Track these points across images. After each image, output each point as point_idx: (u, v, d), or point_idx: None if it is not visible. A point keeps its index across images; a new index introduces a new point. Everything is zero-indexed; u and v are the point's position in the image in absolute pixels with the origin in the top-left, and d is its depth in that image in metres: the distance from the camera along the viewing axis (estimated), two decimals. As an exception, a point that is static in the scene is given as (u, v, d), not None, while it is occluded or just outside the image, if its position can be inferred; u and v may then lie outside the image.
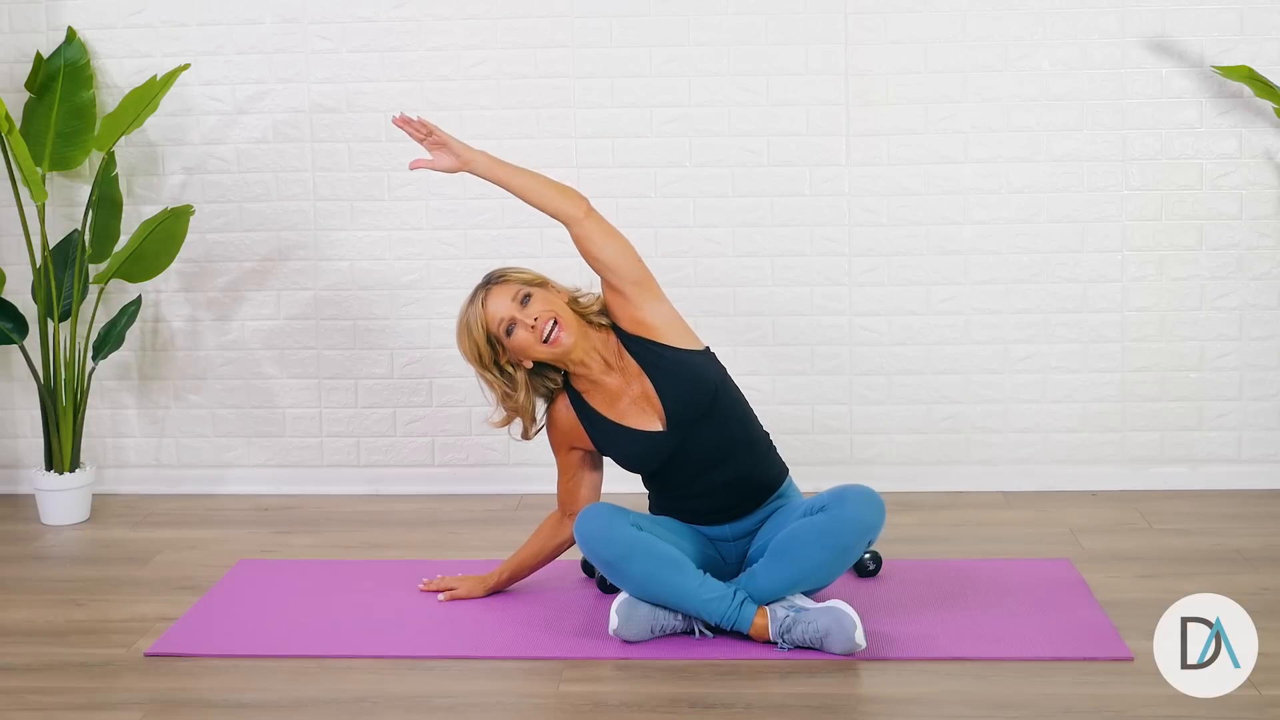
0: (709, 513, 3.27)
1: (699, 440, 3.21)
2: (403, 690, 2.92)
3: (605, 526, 3.09)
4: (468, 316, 3.22)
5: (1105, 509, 4.15)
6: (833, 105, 4.31)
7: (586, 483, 3.37)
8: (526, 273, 3.24)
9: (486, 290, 3.21)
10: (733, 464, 3.23)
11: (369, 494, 4.49)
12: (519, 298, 3.17)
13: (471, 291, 3.25)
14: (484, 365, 3.22)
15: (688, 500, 3.27)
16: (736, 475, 3.24)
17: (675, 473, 3.25)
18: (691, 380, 3.21)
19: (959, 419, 4.38)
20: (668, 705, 2.83)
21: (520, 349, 3.18)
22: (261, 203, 4.44)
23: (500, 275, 3.23)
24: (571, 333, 3.16)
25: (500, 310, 3.17)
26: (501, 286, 3.20)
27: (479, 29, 4.35)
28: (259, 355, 4.49)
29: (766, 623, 3.07)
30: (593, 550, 3.11)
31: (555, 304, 3.18)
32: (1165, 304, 4.32)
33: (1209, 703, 2.75)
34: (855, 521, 3.07)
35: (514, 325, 3.16)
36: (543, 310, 3.15)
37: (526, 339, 3.15)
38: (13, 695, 2.92)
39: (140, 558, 3.86)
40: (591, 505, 3.17)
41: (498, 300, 3.18)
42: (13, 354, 4.49)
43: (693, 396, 3.20)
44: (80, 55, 4.30)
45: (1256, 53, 4.19)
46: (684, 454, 3.22)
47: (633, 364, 3.23)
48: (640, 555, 3.07)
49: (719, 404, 3.23)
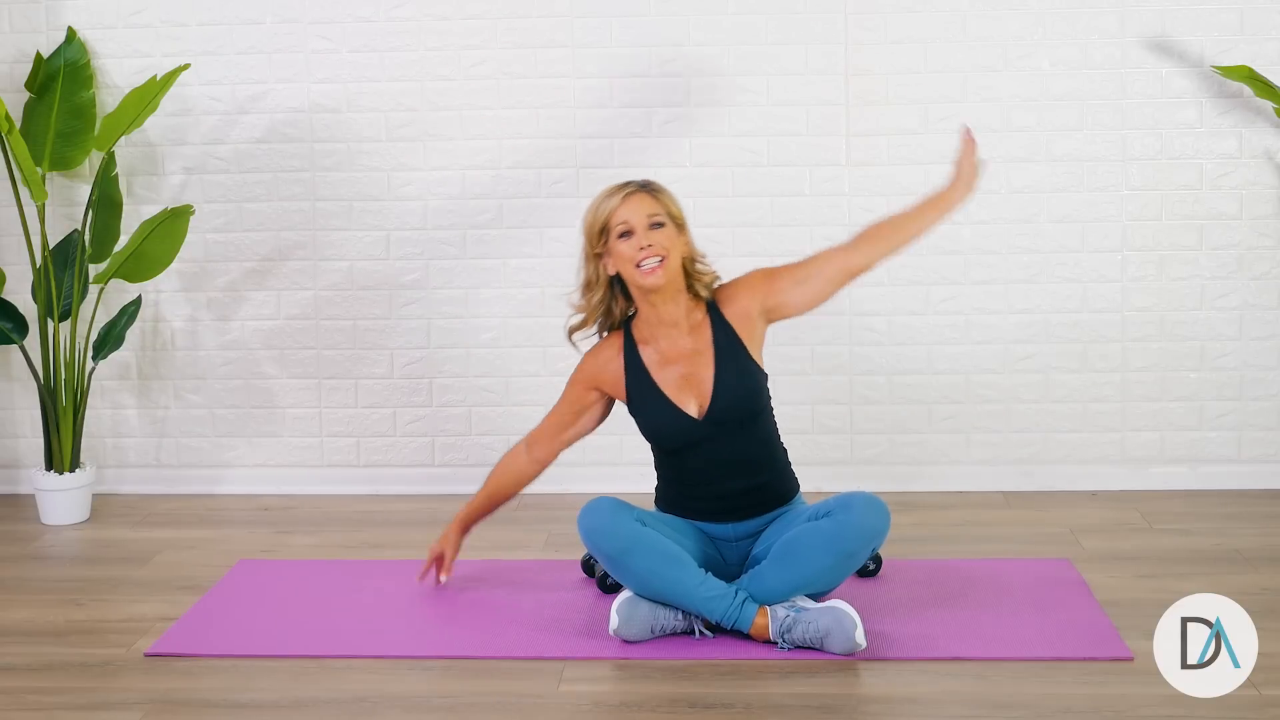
0: (715, 511, 3.27)
1: (725, 443, 3.22)
2: (403, 690, 2.92)
3: (609, 520, 3.10)
4: (604, 200, 3.22)
5: (1105, 509, 4.15)
6: (833, 105, 4.31)
7: (574, 429, 3.39)
8: (675, 206, 3.24)
9: (634, 193, 3.20)
10: (748, 475, 3.25)
11: (369, 494, 4.49)
12: (653, 219, 3.17)
13: (625, 181, 3.24)
14: (588, 242, 3.24)
15: (696, 496, 3.27)
16: (749, 485, 3.26)
17: (690, 460, 3.25)
18: (748, 390, 3.23)
19: (959, 419, 4.38)
20: (668, 705, 2.83)
21: (619, 256, 3.19)
22: (261, 203, 4.44)
23: (655, 191, 3.22)
24: (665, 279, 3.17)
25: (629, 216, 3.17)
26: (648, 199, 3.20)
27: (479, 29, 4.35)
28: (259, 355, 4.50)
29: (767, 622, 3.07)
30: (596, 544, 3.11)
31: (674, 248, 3.19)
32: (1165, 304, 4.32)
33: (1209, 703, 2.75)
34: (861, 527, 3.08)
35: (629, 234, 3.17)
36: (660, 243, 3.16)
37: (629, 253, 3.16)
38: (13, 695, 2.92)
39: (140, 558, 3.86)
40: (596, 499, 3.16)
41: (635, 207, 3.18)
42: (13, 354, 4.49)
43: (741, 403, 3.22)
44: (80, 55, 4.30)
45: (1256, 53, 4.19)
46: (705, 449, 3.23)
47: (707, 345, 3.24)
48: (643, 550, 3.07)
49: (757, 422, 3.26)
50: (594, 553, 3.14)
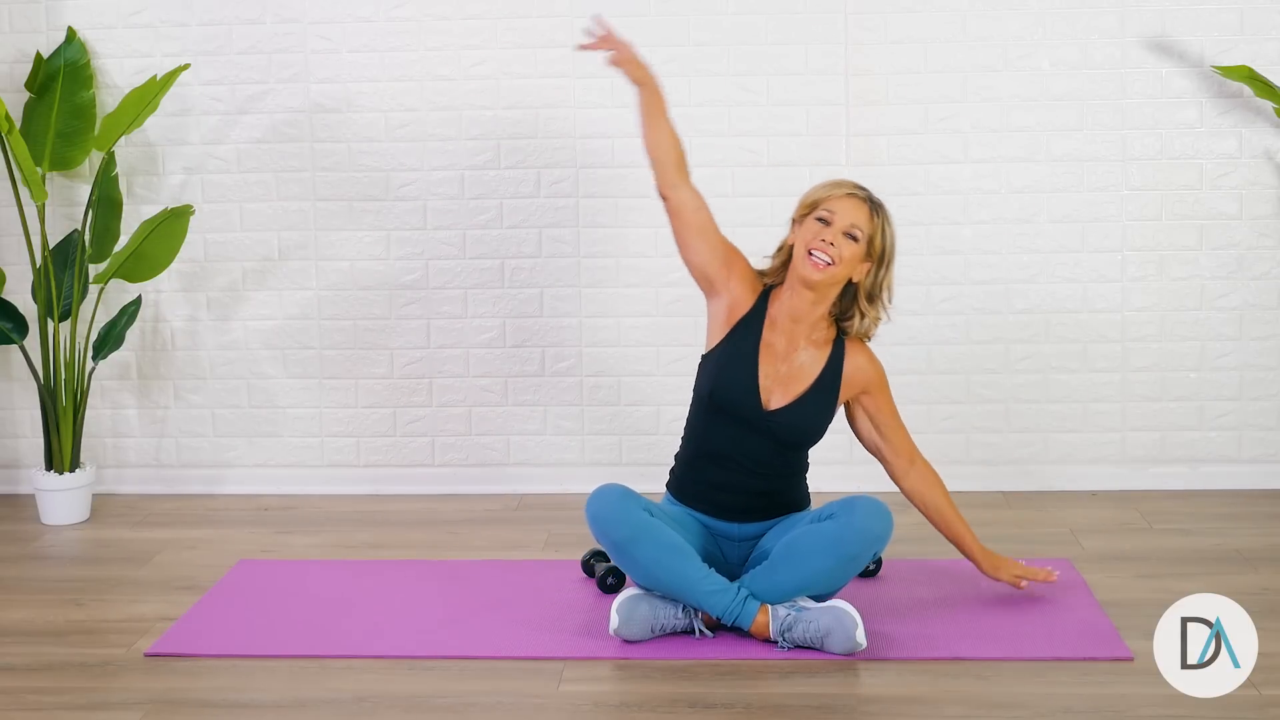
0: (724, 506, 3.27)
1: (762, 444, 3.23)
2: (403, 690, 2.92)
3: (617, 508, 3.10)
4: (831, 185, 3.24)
5: (1105, 509, 4.15)
6: (833, 105, 4.31)
7: (702, 235, 3.28)
8: (883, 238, 3.22)
9: (858, 197, 3.21)
10: (766, 480, 3.26)
11: (369, 494, 4.49)
12: (850, 232, 3.17)
13: (862, 185, 3.26)
14: (798, 207, 3.26)
15: (712, 483, 3.27)
16: (764, 489, 3.27)
17: (724, 436, 3.23)
18: (815, 428, 3.27)
19: (959, 419, 4.38)
20: (668, 705, 2.83)
21: (803, 233, 3.20)
22: (261, 203, 4.44)
23: (877, 211, 3.22)
24: (820, 282, 3.17)
25: (837, 209, 3.18)
26: (864, 212, 3.19)
27: (479, 29, 4.35)
28: (259, 355, 4.50)
29: (768, 620, 3.07)
30: (603, 530, 3.11)
31: (850, 265, 3.19)
32: (1165, 304, 4.32)
33: (1209, 703, 2.75)
34: (863, 531, 3.08)
35: (825, 223, 3.17)
36: (840, 255, 3.16)
37: (810, 236, 3.17)
38: (13, 695, 2.92)
39: (140, 558, 3.86)
40: (604, 486, 3.15)
41: (847, 207, 3.19)
42: (13, 354, 4.49)
43: (803, 432, 3.25)
44: (80, 55, 4.30)
45: (1256, 53, 4.19)
46: (743, 435, 3.23)
47: (816, 368, 3.25)
48: (648, 540, 3.07)
49: (800, 450, 3.30)
50: (600, 539, 3.13)
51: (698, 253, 3.28)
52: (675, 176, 3.29)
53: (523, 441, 4.47)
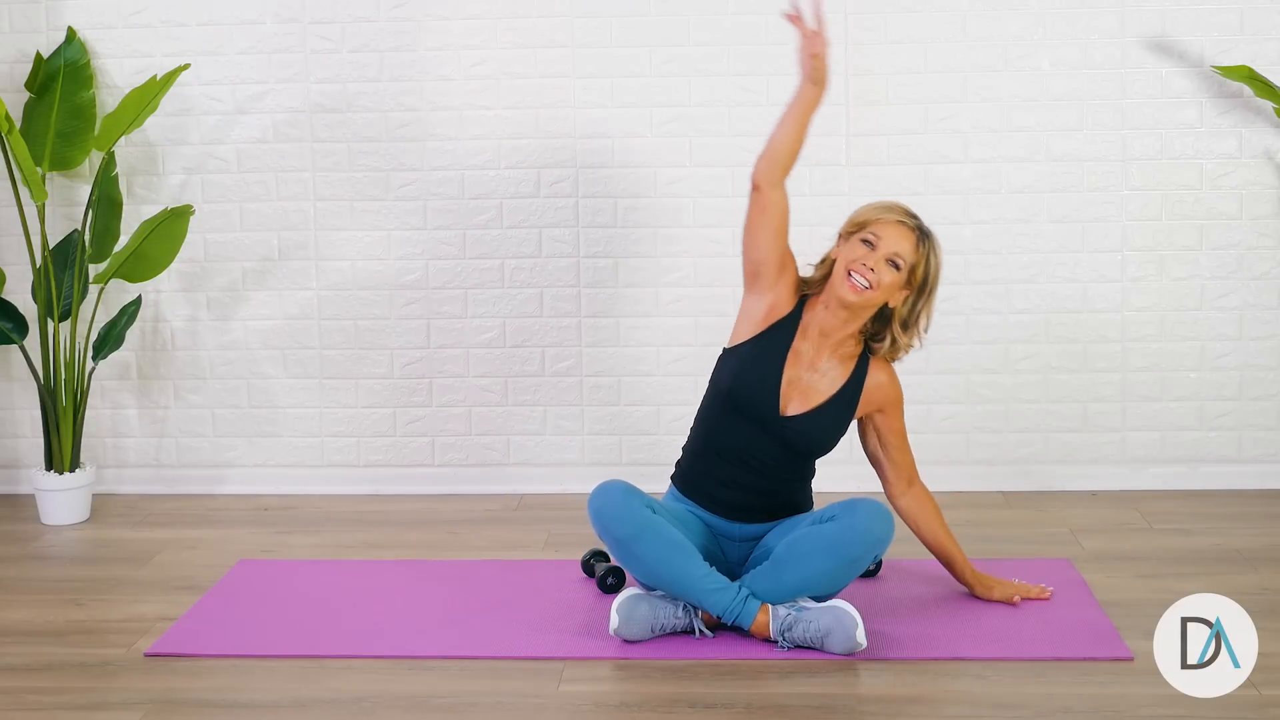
0: (727, 505, 3.27)
1: (772, 447, 3.23)
2: (403, 690, 2.92)
3: (620, 505, 3.10)
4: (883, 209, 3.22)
5: (1105, 509, 4.15)
6: (833, 105, 4.30)
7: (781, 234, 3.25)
8: (927, 269, 3.21)
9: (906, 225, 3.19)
10: (771, 482, 3.26)
11: (369, 494, 4.49)
12: (893, 259, 3.16)
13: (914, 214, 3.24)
14: (846, 224, 3.25)
15: (717, 479, 3.27)
16: (768, 489, 3.27)
17: (735, 434, 3.23)
18: (829, 439, 3.27)
19: (959, 419, 4.38)
20: (668, 705, 2.83)
21: (845, 252, 3.19)
22: (261, 203, 4.44)
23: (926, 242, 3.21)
24: (856, 305, 3.17)
25: (883, 235, 3.17)
26: (910, 241, 3.18)
27: (479, 29, 4.35)
28: (259, 355, 4.50)
29: (768, 620, 3.07)
30: (605, 526, 3.11)
31: (887, 293, 3.18)
32: (1165, 304, 4.32)
33: (1209, 703, 2.75)
34: (864, 533, 3.08)
35: (873, 246, 3.16)
36: (879, 281, 3.15)
37: (854, 259, 3.16)
38: (13, 695, 2.92)
39: (140, 558, 3.86)
40: (607, 482, 3.16)
41: (894, 234, 3.17)
42: (13, 354, 4.49)
43: (816, 443, 3.26)
44: (80, 55, 4.30)
45: (1256, 53, 4.19)
46: (754, 435, 3.22)
47: (838, 381, 3.25)
48: (651, 537, 3.07)
49: (809, 458, 3.30)
50: (602, 535, 3.13)
51: (764, 249, 3.25)
52: (779, 175, 3.25)
53: (523, 441, 4.47)
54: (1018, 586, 3.34)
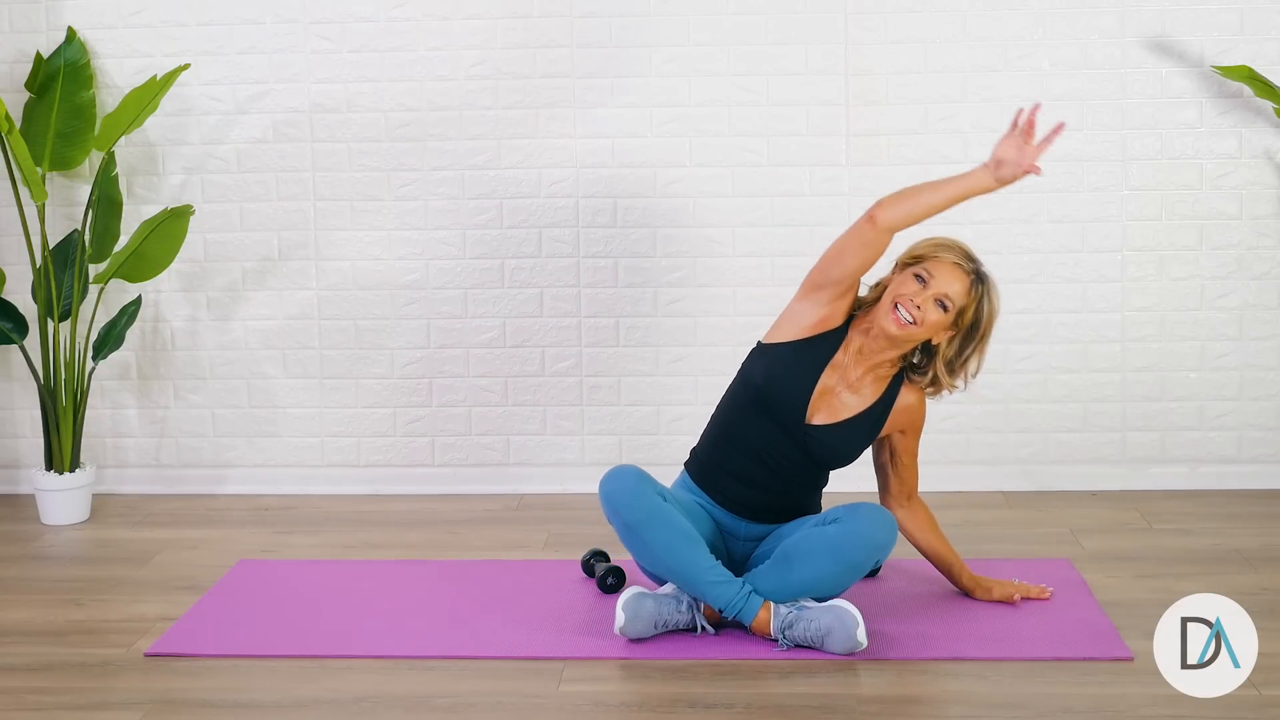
0: (737, 501, 3.27)
1: (792, 453, 3.23)
2: (403, 690, 2.92)
3: (632, 490, 3.10)
4: (943, 246, 3.19)
5: (1105, 509, 4.15)
6: (833, 105, 4.31)
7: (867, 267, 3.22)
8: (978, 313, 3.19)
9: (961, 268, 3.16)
10: (784, 486, 3.27)
11: (369, 494, 4.49)
12: (942, 300, 3.14)
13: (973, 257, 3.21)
14: (907, 251, 3.24)
15: (732, 471, 3.26)
16: (783, 492, 3.27)
17: (757, 433, 3.23)
18: (850, 453, 3.27)
19: (959, 419, 4.38)
20: (668, 705, 2.83)
21: (895, 285, 3.17)
22: (261, 203, 4.44)
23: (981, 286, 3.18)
24: (898, 338, 3.15)
25: (936, 273, 3.14)
26: (963, 283, 3.16)
27: (479, 29, 4.35)
28: (259, 355, 4.50)
29: (769, 617, 3.07)
30: (616, 510, 3.10)
31: (930, 331, 3.16)
32: (1165, 304, 4.32)
33: (1209, 703, 2.75)
34: (866, 538, 3.08)
35: (925, 283, 3.14)
36: (924, 319, 3.13)
37: (901, 291, 3.14)
38: (13, 695, 2.92)
39: (140, 558, 3.86)
40: (619, 467, 3.15)
41: (947, 274, 3.15)
42: (13, 354, 4.49)
43: (837, 455, 3.25)
44: (80, 55, 4.30)
45: (1256, 53, 4.19)
46: (778, 438, 3.22)
47: (868, 400, 3.24)
48: (660, 524, 3.08)
49: (827, 469, 3.30)
50: (611, 520, 3.13)
51: (847, 275, 3.22)
52: (901, 225, 3.21)
53: (523, 441, 4.47)
54: (1017, 586, 3.35)
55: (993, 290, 3.21)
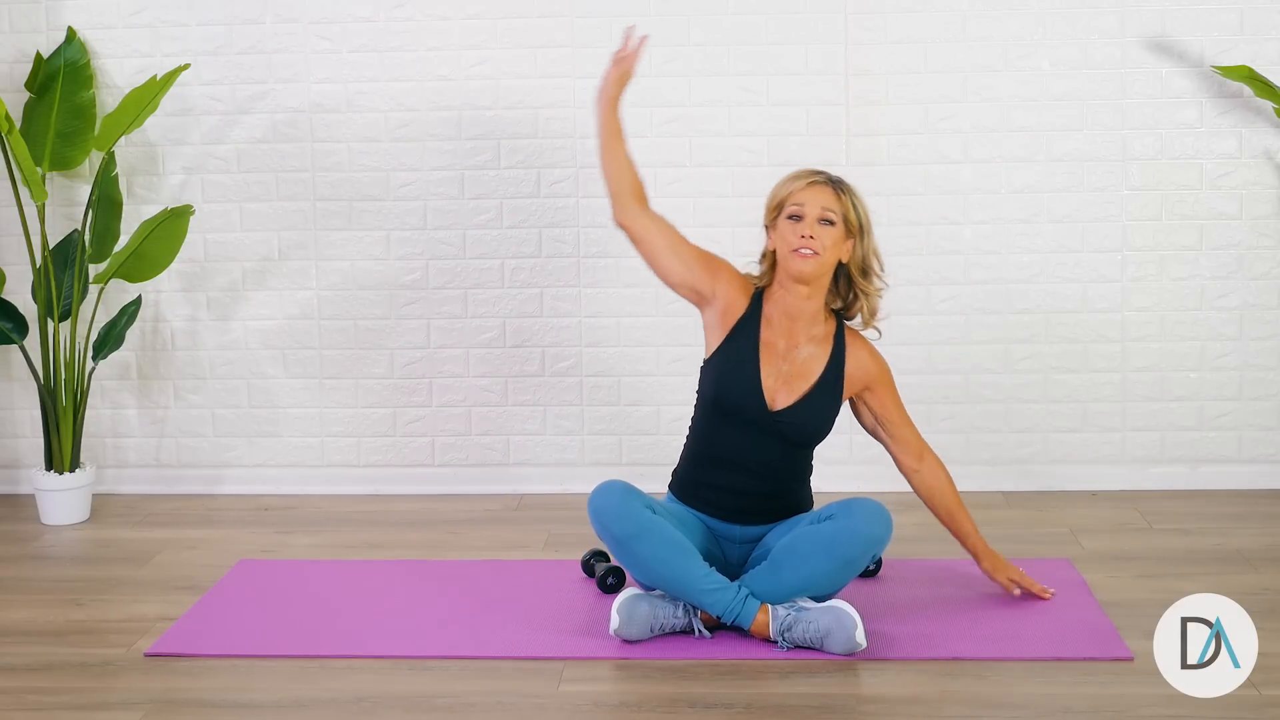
0: (726, 508, 3.27)
1: (769, 445, 3.23)
2: (403, 690, 2.92)
3: (620, 504, 3.10)
4: (790, 180, 3.24)
5: (1105, 509, 4.15)
6: (833, 105, 4.31)
7: (671, 254, 3.25)
8: (856, 212, 3.21)
9: (820, 183, 3.21)
10: (770, 483, 3.26)
11: (369, 494, 4.49)
12: (825, 217, 3.17)
13: (819, 170, 3.25)
14: (766, 212, 3.27)
15: (715, 485, 3.27)
16: (767, 492, 3.27)
17: (730, 440, 3.24)
18: (823, 424, 3.27)
19: (959, 419, 4.38)
20: (668, 705, 2.83)
21: (781, 235, 3.21)
22: (261, 203, 4.44)
23: (842, 189, 3.22)
24: (812, 274, 3.17)
25: (805, 201, 3.18)
26: (830, 194, 3.20)
27: (479, 29, 4.35)
28: (259, 355, 4.50)
29: (768, 620, 3.07)
30: (605, 525, 3.10)
31: (835, 251, 3.19)
32: (1165, 304, 4.32)
33: (1209, 703, 2.75)
34: (861, 534, 3.08)
35: (798, 219, 3.18)
36: (823, 243, 3.16)
37: (790, 237, 3.18)
38: (13, 695, 2.92)
39: (140, 558, 3.86)
40: (607, 482, 3.15)
41: (814, 196, 3.19)
42: (13, 354, 4.49)
43: (811, 430, 3.25)
44: (80, 55, 4.30)
45: (1256, 53, 4.19)
46: (749, 437, 3.23)
47: (819, 364, 3.25)
48: (651, 536, 3.07)
49: (808, 448, 3.30)
50: (601, 535, 3.13)
51: (675, 271, 3.27)
52: (636, 204, 3.27)
53: (523, 441, 4.47)
54: (1022, 576, 3.33)
55: (853, 187, 3.25)
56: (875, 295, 3.27)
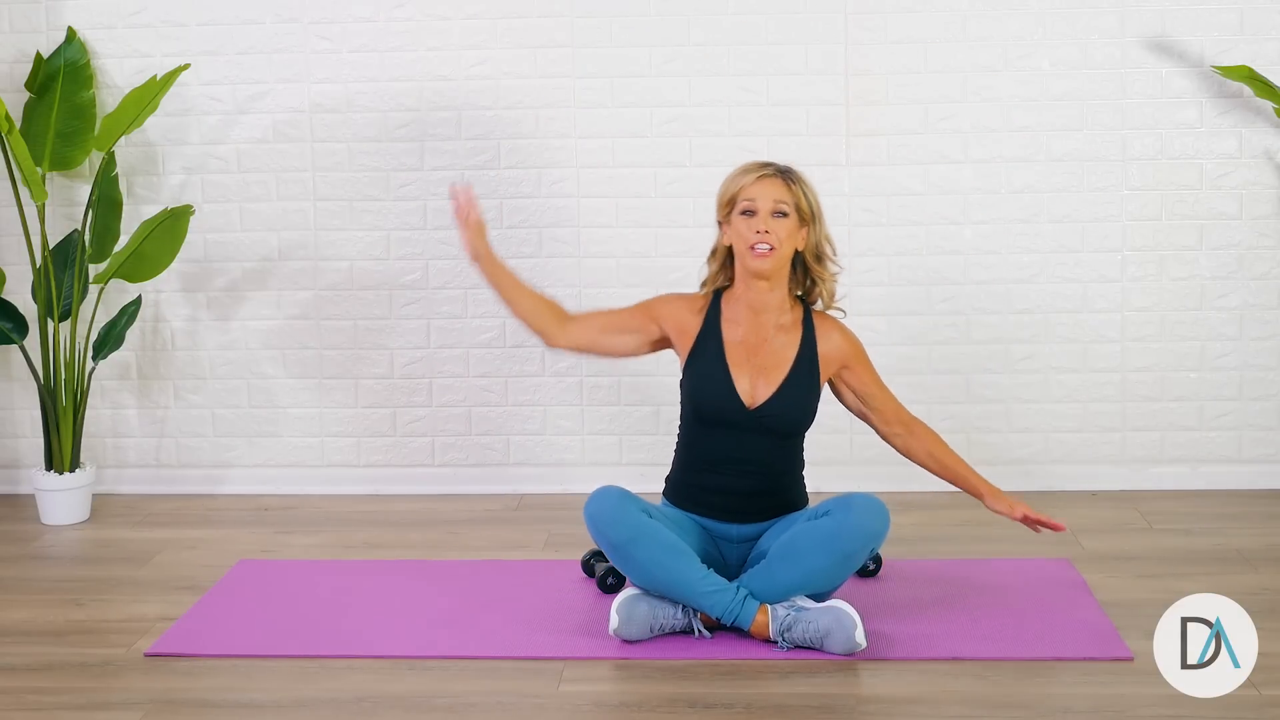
0: (721, 508, 3.27)
1: (756, 441, 3.24)
2: (403, 690, 2.92)
3: (615, 509, 3.10)
4: (740, 175, 3.26)
5: (1105, 509, 4.15)
6: (833, 105, 4.31)
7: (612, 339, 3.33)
8: (807, 200, 3.24)
9: (771, 175, 3.23)
10: (763, 479, 3.26)
11: (369, 494, 4.49)
12: (778, 207, 3.20)
13: (768, 161, 3.28)
14: (717, 208, 3.30)
15: (707, 487, 3.27)
16: (761, 489, 3.27)
17: (718, 444, 3.25)
18: (805, 410, 3.27)
19: (959, 419, 4.38)
20: (668, 705, 2.83)
21: (736, 232, 3.23)
22: (261, 203, 4.44)
23: (792, 179, 3.24)
24: (772, 268, 3.20)
25: (757, 196, 3.21)
26: (781, 185, 3.22)
27: (479, 29, 4.35)
28: (259, 355, 4.50)
29: (767, 620, 3.07)
30: (601, 531, 3.11)
31: (789, 241, 3.21)
32: (1165, 304, 4.32)
33: (1209, 703, 2.75)
34: (859, 529, 3.08)
35: (752, 214, 3.20)
36: (776, 233, 3.19)
37: (745, 233, 3.20)
38: (13, 695, 2.92)
39: (140, 558, 3.86)
40: (604, 488, 3.16)
41: (766, 189, 3.21)
42: (13, 354, 4.49)
43: (794, 417, 3.25)
44: (80, 55, 4.30)
45: (1256, 53, 4.19)
46: (736, 438, 3.23)
47: (791, 351, 3.26)
48: (647, 541, 3.07)
49: (795, 437, 3.30)
50: (598, 540, 3.13)
51: (628, 345, 3.35)
52: (560, 326, 3.33)
53: (523, 441, 4.47)
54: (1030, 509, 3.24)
55: (801, 174, 3.27)
56: (831, 280, 3.30)
